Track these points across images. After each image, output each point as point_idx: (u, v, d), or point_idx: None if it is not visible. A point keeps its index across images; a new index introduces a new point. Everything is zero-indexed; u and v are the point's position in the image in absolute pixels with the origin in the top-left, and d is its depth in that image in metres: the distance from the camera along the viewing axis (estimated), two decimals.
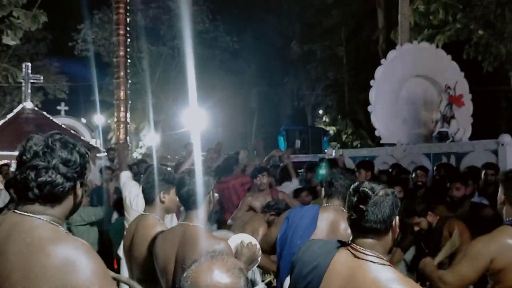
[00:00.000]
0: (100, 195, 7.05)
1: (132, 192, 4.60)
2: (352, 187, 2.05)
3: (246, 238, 2.95)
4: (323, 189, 3.37)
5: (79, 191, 1.80)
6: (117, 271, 4.68)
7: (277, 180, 6.92)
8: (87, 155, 1.79)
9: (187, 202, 2.71)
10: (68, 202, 1.78)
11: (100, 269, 1.68)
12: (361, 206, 1.93)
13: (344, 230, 2.87)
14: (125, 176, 4.87)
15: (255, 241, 2.90)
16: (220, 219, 6.19)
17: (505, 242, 2.61)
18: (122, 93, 11.00)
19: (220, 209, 6.23)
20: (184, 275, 1.44)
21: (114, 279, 2.09)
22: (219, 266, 1.44)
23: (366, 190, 1.95)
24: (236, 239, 2.97)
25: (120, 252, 4.40)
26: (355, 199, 1.97)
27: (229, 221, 5.56)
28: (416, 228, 4.14)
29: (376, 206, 1.92)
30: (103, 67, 27.48)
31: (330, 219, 3.14)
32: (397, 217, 2.00)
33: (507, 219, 2.73)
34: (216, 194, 2.83)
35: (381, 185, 1.99)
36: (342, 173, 3.34)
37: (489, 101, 18.27)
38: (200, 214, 2.66)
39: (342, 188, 3.17)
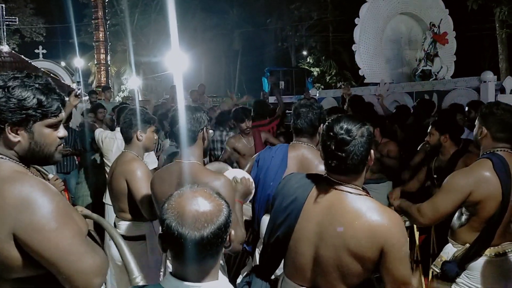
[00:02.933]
0: (83, 139, 6.97)
1: (104, 134, 5.26)
2: (325, 130, 1.99)
3: (239, 173, 2.95)
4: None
5: (10, 135, 1.69)
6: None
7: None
8: (19, 99, 1.67)
9: (180, 139, 2.66)
10: (6, 142, 1.70)
11: (58, 207, 1.63)
12: (340, 154, 1.91)
13: (315, 167, 2.87)
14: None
15: (248, 175, 2.91)
16: None
17: (483, 175, 2.63)
18: (101, 34, 10.75)
19: None
20: (165, 206, 1.43)
21: (86, 217, 2.08)
22: (202, 194, 1.45)
23: (344, 136, 1.90)
24: (229, 175, 2.99)
25: (106, 199, 4.59)
26: (333, 146, 1.92)
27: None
28: (427, 139, 4.17)
29: (355, 149, 1.90)
30: (81, 8, 26.59)
31: (300, 158, 3.11)
32: (372, 151, 1.99)
33: (485, 152, 2.75)
34: (210, 131, 2.79)
35: (355, 125, 1.93)
36: (308, 105, 3.22)
37: (473, 39, 18.20)
38: (196, 151, 2.64)
39: (309, 123, 3.11)
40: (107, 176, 4.30)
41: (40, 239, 1.57)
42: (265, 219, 3.13)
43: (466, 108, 5.74)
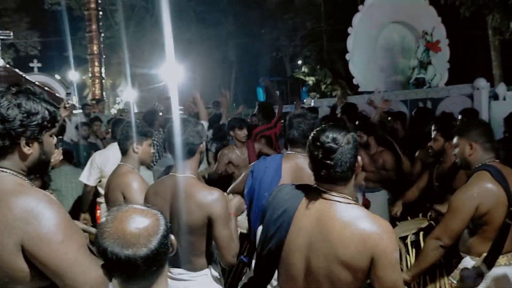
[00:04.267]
0: (78, 152, 6.97)
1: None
2: (311, 140, 2.01)
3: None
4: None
5: (25, 149, 1.74)
6: None
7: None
8: (33, 113, 1.73)
9: (178, 152, 2.66)
10: (20, 156, 1.75)
11: (63, 220, 1.67)
12: (328, 162, 1.92)
13: (309, 177, 2.87)
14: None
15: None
16: None
17: (485, 186, 2.70)
18: (95, 47, 10.76)
19: None
20: (101, 235, 1.39)
21: (84, 231, 2.09)
22: (134, 211, 1.43)
23: (330, 144, 1.92)
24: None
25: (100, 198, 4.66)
26: (320, 155, 1.94)
27: (207, 173, 5.60)
28: (430, 144, 4.14)
29: (342, 157, 1.92)
30: (75, 21, 26.67)
31: (294, 168, 3.13)
32: (359, 157, 2.01)
33: (477, 165, 2.82)
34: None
35: (340, 133, 1.96)
36: (302, 115, 3.25)
37: (466, 46, 18.30)
38: (192, 164, 2.64)
39: (301, 134, 3.13)
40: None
41: (47, 251, 1.60)
42: (259, 231, 3.13)
43: (459, 116, 5.74)
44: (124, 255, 1.34)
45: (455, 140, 2.97)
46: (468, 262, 2.83)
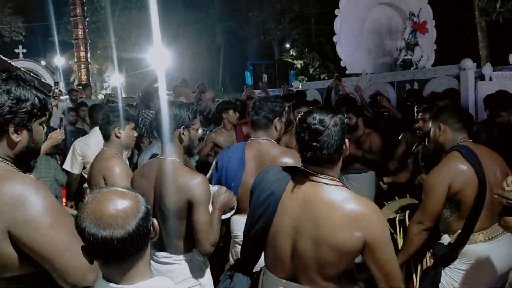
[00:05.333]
0: (65, 138, 6.88)
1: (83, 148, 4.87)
2: (298, 122, 1.99)
3: (223, 187, 2.99)
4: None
5: (13, 136, 1.73)
6: None
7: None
8: (22, 99, 1.71)
9: (160, 135, 2.67)
10: (8, 143, 1.74)
11: (51, 205, 1.66)
12: (314, 144, 1.91)
13: (271, 161, 2.88)
14: None
15: (232, 193, 2.94)
16: None
17: (456, 166, 2.77)
18: (80, 32, 10.62)
19: None
20: (80, 216, 1.38)
21: (73, 216, 2.08)
22: (114, 193, 1.42)
23: (317, 126, 1.90)
24: (215, 186, 3.02)
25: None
26: (307, 137, 1.92)
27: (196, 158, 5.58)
28: (419, 125, 4.18)
29: (329, 139, 1.90)
30: (60, 6, 26.21)
31: (256, 154, 3.13)
32: (347, 140, 2.00)
33: (450, 145, 2.90)
34: (200, 130, 2.77)
35: (328, 115, 1.94)
36: (265, 98, 3.26)
37: (453, 27, 18.32)
38: (175, 148, 2.63)
39: (262, 115, 3.13)
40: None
41: (36, 236, 1.59)
42: (235, 219, 3.15)
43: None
44: (100, 236, 1.33)
45: (430, 124, 3.05)
46: (445, 239, 2.90)
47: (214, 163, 3.38)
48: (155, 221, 1.48)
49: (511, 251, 2.83)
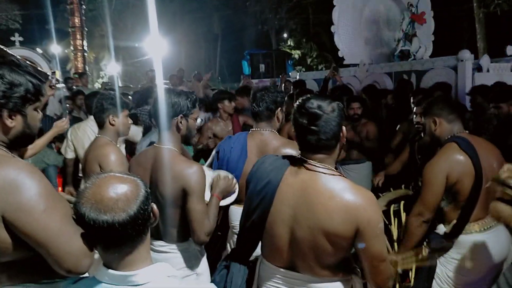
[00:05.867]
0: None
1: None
2: (296, 108, 2.00)
3: (223, 172, 2.97)
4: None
5: (8, 121, 1.72)
6: None
7: None
8: (16, 84, 1.71)
9: (158, 124, 2.66)
10: (2, 128, 1.74)
11: (45, 189, 1.65)
12: (313, 128, 1.92)
13: (274, 152, 2.88)
14: None
15: (232, 176, 2.92)
16: None
17: (453, 157, 2.77)
18: (76, 20, 10.51)
19: None
20: (79, 202, 1.37)
21: (69, 202, 2.06)
22: (113, 178, 1.42)
23: (315, 110, 1.91)
24: (214, 172, 3.00)
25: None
26: (305, 121, 1.94)
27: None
28: (416, 119, 4.17)
29: (327, 124, 1.92)
30: None
31: (259, 145, 3.12)
32: (344, 127, 2.01)
33: (446, 137, 2.89)
34: (199, 120, 2.75)
35: (325, 101, 1.96)
36: (265, 88, 3.24)
37: (451, 19, 18.29)
38: (172, 137, 2.62)
39: (265, 106, 3.11)
40: None
41: (30, 221, 1.58)
42: (233, 209, 3.15)
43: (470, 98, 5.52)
44: (102, 220, 1.33)
45: (423, 120, 3.04)
46: (441, 228, 2.91)
47: (214, 152, 3.37)
48: (154, 206, 1.47)
49: (505, 241, 2.84)
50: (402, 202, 3.46)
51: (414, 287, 2.98)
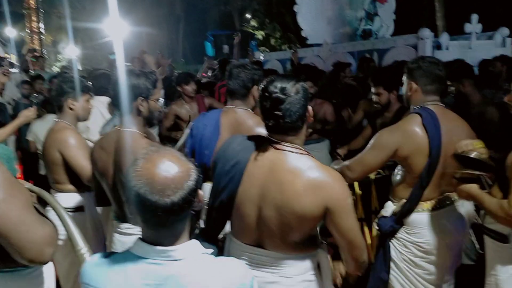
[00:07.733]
0: (19, 111, 6.65)
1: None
2: (261, 91, 1.98)
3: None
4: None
5: None
6: None
7: None
8: None
9: (118, 106, 2.60)
10: None
11: (4, 178, 1.60)
12: (276, 112, 1.91)
13: (248, 132, 2.79)
14: None
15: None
16: None
17: (410, 130, 2.65)
18: (32, 1, 10.07)
19: None
20: (132, 172, 1.36)
21: (30, 190, 2.02)
22: (169, 158, 1.39)
23: (278, 94, 1.90)
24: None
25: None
26: (269, 105, 1.93)
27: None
28: (375, 99, 4.15)
29: (291, 106, 1.91)
30: None
31: (233, 123, 3.07)
32: (310, 107, 2.01)
33: (415, 108, 2.75)
34: (161, 99, 2.69)
35: (290, 82, 1.94)
36: (242, 65, 3.18)
37: None
38: (134, 119, 2.57)
39: (241, 84, 3.06)
40: None
41: None
42: (205, 186, 3.14)
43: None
44: (146, 199, 1.32)
45: (403, 77, 2.87)
46: (389, 206, 2.84)
47: (188, 130, 3.31)
48: (201, 192, 1.47)
49: (456, 221, 2.74)
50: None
51: (372, 272, 2.85)
